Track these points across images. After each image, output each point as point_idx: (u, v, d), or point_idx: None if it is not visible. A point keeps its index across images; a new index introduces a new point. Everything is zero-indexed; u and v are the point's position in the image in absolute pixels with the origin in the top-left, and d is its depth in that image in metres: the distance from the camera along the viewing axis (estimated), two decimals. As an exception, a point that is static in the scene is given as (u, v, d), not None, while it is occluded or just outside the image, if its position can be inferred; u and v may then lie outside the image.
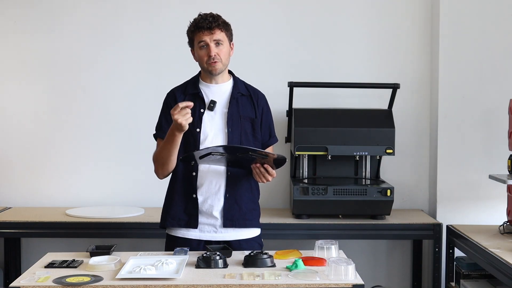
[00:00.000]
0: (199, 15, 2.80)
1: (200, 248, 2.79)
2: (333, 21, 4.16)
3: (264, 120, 2.90)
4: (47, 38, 4.16)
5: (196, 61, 2.84)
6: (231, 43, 2.84)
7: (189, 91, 2.85)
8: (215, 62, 2.75)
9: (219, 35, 2.76)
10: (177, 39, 4.10)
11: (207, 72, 2.81)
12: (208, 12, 2.81)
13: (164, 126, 2.83)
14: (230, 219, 2.80)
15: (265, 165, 2.70)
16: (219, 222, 2.80)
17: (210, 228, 2.81)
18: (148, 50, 4.16)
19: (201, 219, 2.80)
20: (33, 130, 4.18)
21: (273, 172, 2.73)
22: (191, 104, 2.62)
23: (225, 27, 2.79)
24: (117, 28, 4.16)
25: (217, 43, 2.76)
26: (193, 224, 2.80)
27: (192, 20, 2.82)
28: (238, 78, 2.92)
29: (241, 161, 2.72)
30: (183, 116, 2.59)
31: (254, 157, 2.66)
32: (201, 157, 2.66)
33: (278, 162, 2.70)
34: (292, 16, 4.16)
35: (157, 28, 4.16)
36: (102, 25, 4.16)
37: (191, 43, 2.84)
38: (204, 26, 2.74)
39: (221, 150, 2.61)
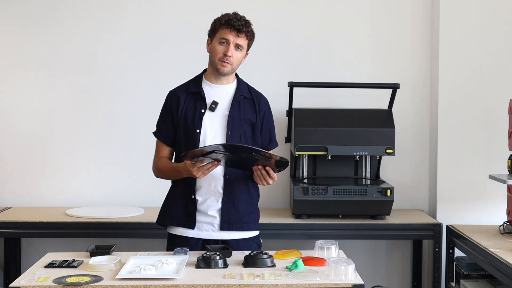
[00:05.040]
0: (234, 13, 2.77)
1: (198, 246, 2.79)
2: (333, 21, 4.16)
3: (265, 124, 2.89)
4: (47, 39, 4.15)
5: (208, 52, 2.82)
6: (247, 52, 2.84)
7: (191, 90, 2.85)
8: (227, 63, 2.75)
9: (243, 41, 2.75)
10: (178, 40, 4.15)
11: (215, 69, 2.79)
12: (231, 12, 2.78)
13: (163, 130, 2.87)
14: (227, 222, 2.80)
15: (267, 168, 2.70)
16: (217, 221, 2.80)
17: (208, 226, 2.81)
18: (148, 50, 4.16)
19: (199, 217, 2.81)
20: (33, 130, 4.18)
21: (274, 175, 2.71)
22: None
23: (251, 36, 2.79)
24: (117, 29, 4.16)
25: (237, 47, 2.75)
26: (191, 224, 2.80)
27: (223, 14, 2.78)
28: (242, 80, 2.91)
29: (242, 162, 2.71)
30: (203, 173, 2.64)
31: (257, 158, 2.64)
32: (203, 155, 2.65)
33: (280, 165, 2.68)
34: (293, 16, 4.16)
35: (158, 28, 4.16)
36: (102, 25, 4.16)
37: (212, 33, 2.80)
38: (235, 26, 2.72)
39: (224, 148, 2.59)
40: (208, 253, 2.50)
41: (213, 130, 2.79)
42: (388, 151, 3.75)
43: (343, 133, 3.76)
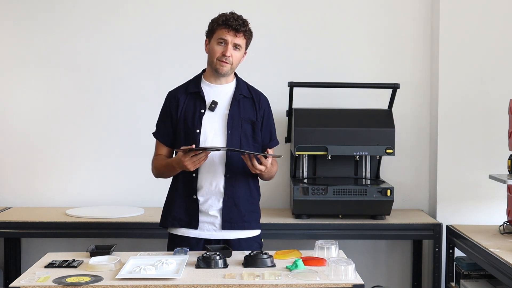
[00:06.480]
0: (231, 13, 2.78)
1: (199, 246, 2.79)
2: (334, 21, 4.16)
3: (265, 122, 2.89)
4: (47, 38, 4.15)
5: (207, 53, 2.82)
6: (246, 51, 2.84)
7: (190, 90, 2.85)
8: (226, 63, 2.75)
9: (241, 40, 2.76)
10: (178, 40, 4.14)
11: (214, 69, 2.80)
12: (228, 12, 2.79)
13: (162, 131, 2.88)
14: (228, 221, 2.80)
15: (258, 156, 2.70)
16: (218, 220, 2.80)
17: (210, 226, 2.81)
18: (148, 50, 4.16)
19: (201, 217, 2.81)
20: (33, 130, 4.18)
21: (266, 162, 2.70)
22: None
23: (249, 35, 2.80)
24: (117, 28, 4.16)
25: (236, 46, 2.75)
26: (194, 224, 2.80)
27: (220, 14, 2.78)
28: (241, 79, 2.91)
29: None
30: (193, 163, 2.65)
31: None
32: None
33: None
34: (293, 16, 4.16)
35: (158, 28, 4.15)
36: (102, 25, 4.16)
37: (210, 34, 2.80)
38: (232, 26, 2.72)
39: (219, 150, 2.63)
40: (208, 253, 2.50)
41: (213, 130, 2.79)
42: (388, 151, 3.75)
43: (343, 133, 3.76)
